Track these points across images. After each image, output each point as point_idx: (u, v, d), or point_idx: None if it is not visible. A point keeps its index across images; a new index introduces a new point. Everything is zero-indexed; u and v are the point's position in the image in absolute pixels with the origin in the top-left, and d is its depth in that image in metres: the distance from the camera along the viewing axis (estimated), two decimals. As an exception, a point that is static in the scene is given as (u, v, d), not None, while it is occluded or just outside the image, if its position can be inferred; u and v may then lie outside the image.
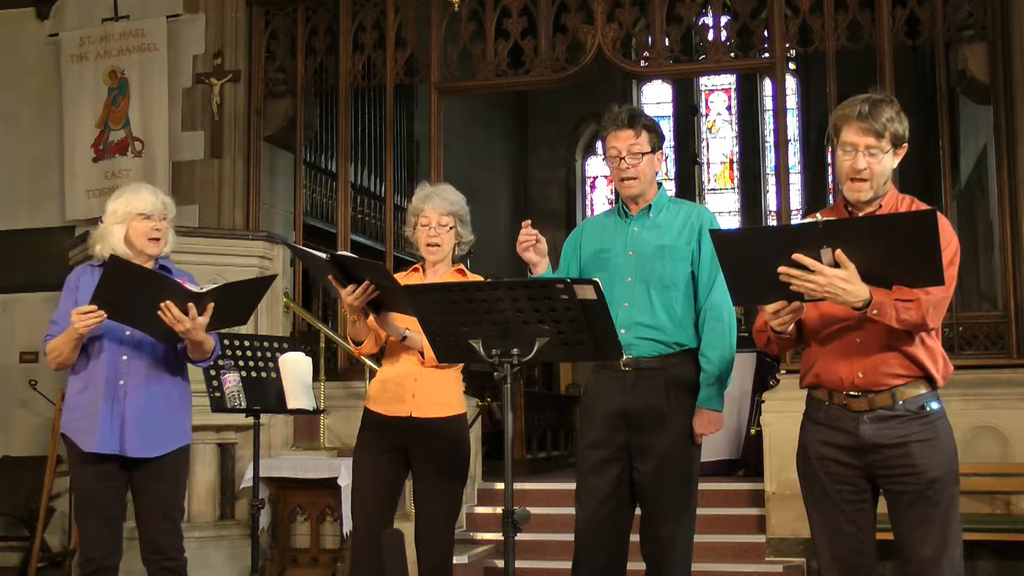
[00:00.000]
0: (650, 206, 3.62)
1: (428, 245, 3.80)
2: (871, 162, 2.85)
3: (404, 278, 3.84)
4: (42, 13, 8.06)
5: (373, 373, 5.04)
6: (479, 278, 3.89)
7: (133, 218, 3.74)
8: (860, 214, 2.91)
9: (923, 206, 2.88)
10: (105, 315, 3.55)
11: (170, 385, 3.80)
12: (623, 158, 3.55)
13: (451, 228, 3.81)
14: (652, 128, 3.58)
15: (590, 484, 3.56)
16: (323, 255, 3.50)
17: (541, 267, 3.50)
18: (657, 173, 3.65)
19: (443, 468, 3.75)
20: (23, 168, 8.02)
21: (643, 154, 3.55)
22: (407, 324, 3.66)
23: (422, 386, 3.75)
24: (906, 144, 2.91)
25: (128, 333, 3.71)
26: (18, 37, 8.11)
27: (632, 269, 3.55)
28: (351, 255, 3.57)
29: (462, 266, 3.92)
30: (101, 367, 3.70)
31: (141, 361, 3.73)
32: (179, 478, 3.87)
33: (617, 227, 3.66)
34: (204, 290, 3.57)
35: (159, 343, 3.73)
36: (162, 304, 3.51)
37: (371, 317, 3.65)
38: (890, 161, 2.88)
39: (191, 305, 3.53)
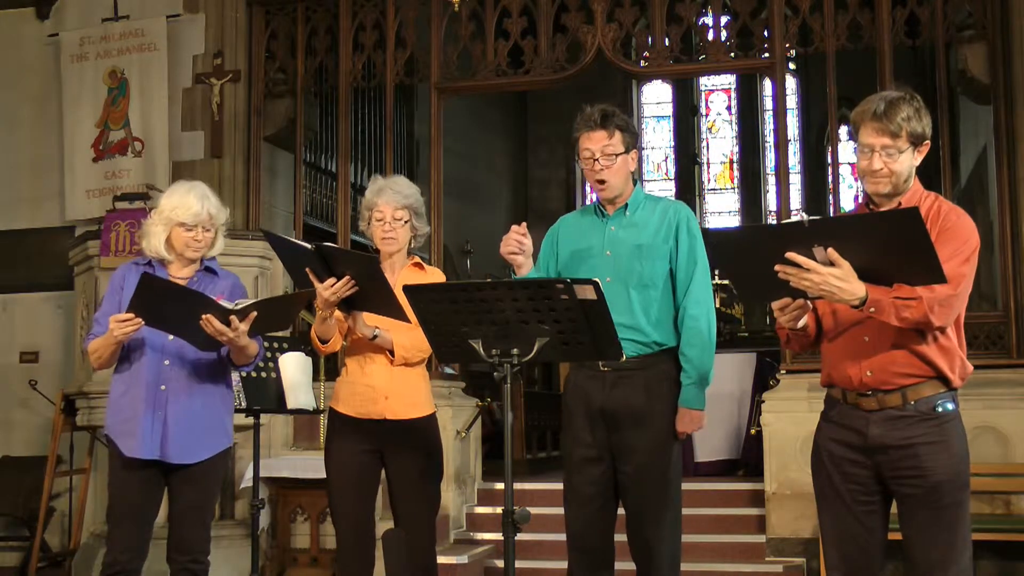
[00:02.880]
0: (627, 205, 3.60)
1: (383, 239, 3.77)
2: (887, 162, 2.83)
3: None
4: (42, 13, 8.06)
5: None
6: (437, 270, 3.89)
7: (174, 225, 3.73)
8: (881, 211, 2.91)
9: (946, 204, 2.87)
10: (143, 322, 3.55)
11: (212, 389, 3.77)
12: (597, 159, 3.52)
13: (406, 222, 3.77)
14: (625, 128, 3.55)
15: (575, 483, 3.56)
16: (308, 245, 3.45)
17: (526, 268, 3.47)
18: (632, 172, 3.63)
19: (421, 469, 3.73)
20: (23, 168, 8.02)
21: (617, 155, 3.52)
22: (376, 323, 3.63)
23: (395, 387, 3.71)
24: (928, 141, 2.88)
25: (171, 338, 3.69)
26: (18, 37, 8.12)
27: (610, 269, 3.52)
28: (339, 247, 3.53)
29: (418, 258, 3.88)
30: (143, 372, 3.68)
31: (183, 366, 3.70)
32: (216, 481, 3.86)
33: (594, 226, 3.64)
34: (239, 307, 3.57)
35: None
36: (203, 317, 3.51)
37: (338, 314, 3.60)
38: (909, 159, 2.85)
39: (232, 317, 3.54)
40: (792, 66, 13.21)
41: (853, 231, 2.63)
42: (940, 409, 2.84)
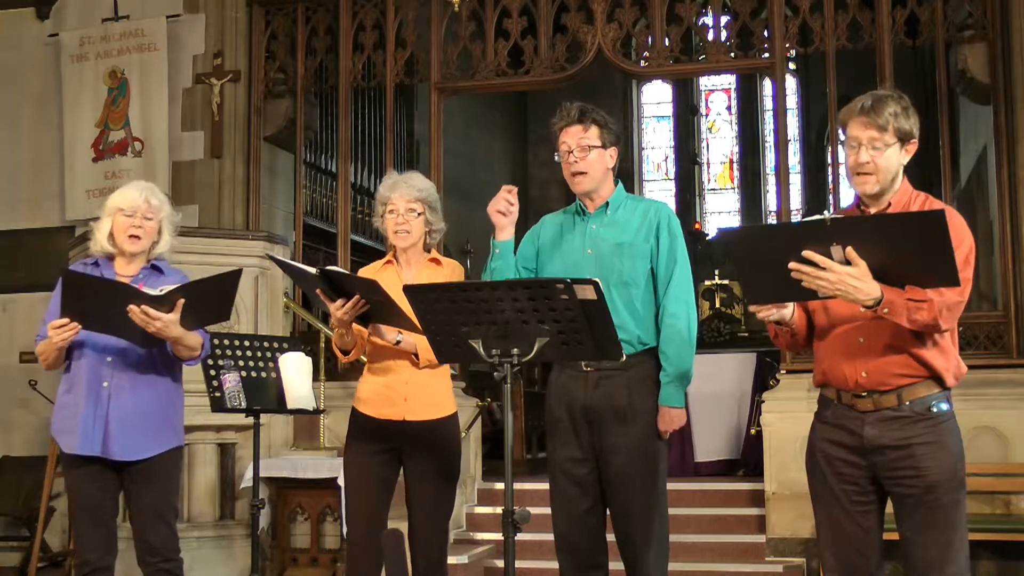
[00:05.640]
0: (608, 203, 3.61)
1: (396, 232, 3.76)
2: (874, 156, 2.85)
3: (379, 270, 3.82)
4: (42, 13, 8.07)
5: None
6: (455, 263, 3.88)
7: (115, 214, 3.73)
8: (871, 212, 2.90)
9: (937, 203, 2.86)
10: (80, 326, 3.53)
11: (160, 387, 3.74)
12: (572, 152, 3.54)
13: (419, 214, 3.76)
14: (603, 124, 3.57)
15: (560, 484, 3.56)
16: (312, 270, 3.47)
17: (507, 232, 3.48)
18: (613, 169, 3.63)
19: (437, 470, 3.74)
20: (23, 168, 8.02)
21: (592, 147, 3.53)
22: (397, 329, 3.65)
23: (414, 388, 3.72)
24: (915, 140, 2.89)
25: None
26: (18, 37, 8.12)
27: (592, 267, 3.52)
28: (343, 271, 3.51)
29: (436, 254, 3.87)
30: (84, 369, 3.66)
31: (127, 363, 3.67)
32: (171, 480, 3.82)
33: (575, 225, 3.64)
34: (162, 292, 3.51)
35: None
36: (129, 307, 3.46)
37: (358, 326, 3.63)
38: (896, 155, 2.87)
39: (151, 305, 3.49)
40: (792, 66, 13.22)
41: (875, 231, 2.62)
42: (935, 409, 2.84)
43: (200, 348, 3.76)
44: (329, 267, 3.51)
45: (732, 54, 7.18)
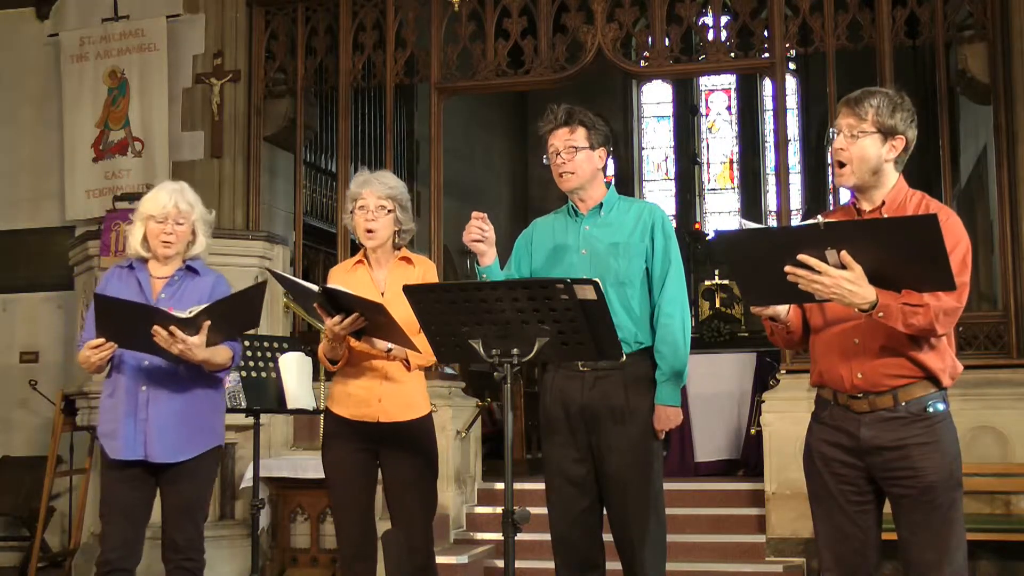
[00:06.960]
0: (601, 204, 3.63)
1: (367, 230, 3.73)
2: (848, 143, 2.84)
3: (349, 271, 3.80)
4: (42, 13, 8.08)
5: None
6: (425, 259, 3.87)
7: (147, 220, 3.75)
8: (866, 212, 2.89)
9: (934, 202, 2.85)
10: (116, 345, 3.59)
11: (197, 389, 3.75)
12: (559, 154, 3.57)
13: (389, 212, 3.73)
14: (591, 125, 3.59)
15: (557, 485, 3.56)
16: (315, 288, 3.46)
17: (489, 256, 3.49)
18: (604, 170, 3.65)
19: (415, 470, 3.72)
20: (23, 168, 8.03)
21: (577, 148, 3.56)
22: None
23: (389, 390, 3.70)
24: (901, 137, 2.86)
25: None
26: (18, 37, 8.12)
27: (587, 267, 3.53)
28: (346, 291, 3.46)
29: (407, 253, 3.85)
30: (125, 374, 3.71)
31: (165, 368, 3.69)
32: (205, 479, 3.84)
33: (568, 226, 3.66)
34: (190, 314, 3.52)
35: None
36: (154, 329, 3.49)
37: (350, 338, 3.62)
38: (874, 147, 2.84)
39: (179, 327, 3.51)
40: (792, 66, 13.21)
41: (869, 235, 2.61)
42: (931, 410, 2.83)
43: (230, 361, 3.78)
44: (330, 286, 3.49)
45: (732, 54, 7.18)
